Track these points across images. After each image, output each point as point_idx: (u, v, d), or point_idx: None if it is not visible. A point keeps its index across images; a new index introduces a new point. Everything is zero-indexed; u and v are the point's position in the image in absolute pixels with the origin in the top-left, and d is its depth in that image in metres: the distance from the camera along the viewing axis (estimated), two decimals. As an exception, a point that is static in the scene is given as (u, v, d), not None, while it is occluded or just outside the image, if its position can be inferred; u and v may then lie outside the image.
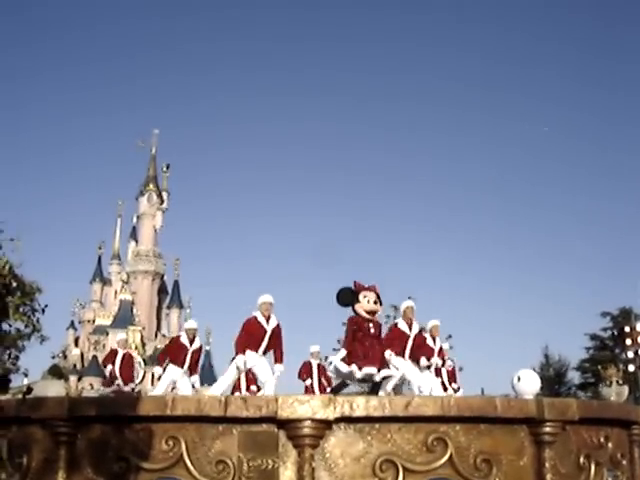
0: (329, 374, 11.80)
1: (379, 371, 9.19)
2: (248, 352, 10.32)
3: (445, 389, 13.12)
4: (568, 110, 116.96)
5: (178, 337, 12.98)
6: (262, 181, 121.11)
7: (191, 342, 12.47)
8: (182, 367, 12.26)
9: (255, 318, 10.46)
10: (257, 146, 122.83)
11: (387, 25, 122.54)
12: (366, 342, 9.14)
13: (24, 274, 6.22)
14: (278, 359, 10.59)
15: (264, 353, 10.49)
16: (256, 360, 10.43)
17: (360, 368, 9.01)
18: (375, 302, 9.30)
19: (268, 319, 10.47)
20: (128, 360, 15.16)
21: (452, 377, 13.87)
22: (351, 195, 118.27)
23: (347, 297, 9.31)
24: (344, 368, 9.16)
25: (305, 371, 14.79)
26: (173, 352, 12.48)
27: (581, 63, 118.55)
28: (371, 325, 9.25)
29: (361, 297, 9.26)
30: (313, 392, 13.98)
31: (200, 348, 12.77)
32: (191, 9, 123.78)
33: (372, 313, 9.30)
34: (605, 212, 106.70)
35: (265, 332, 10.40)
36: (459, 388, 13.78)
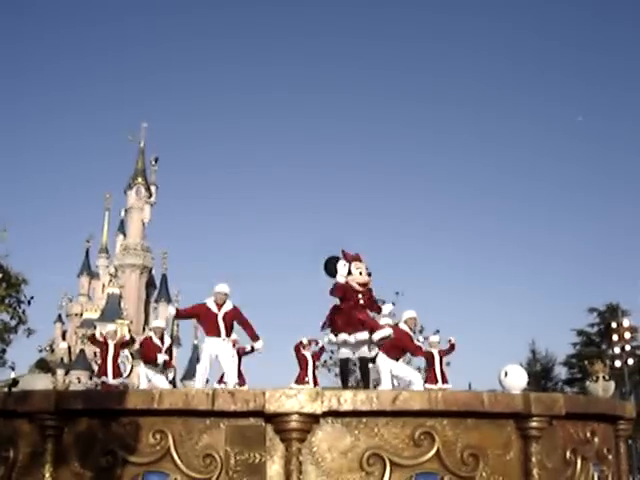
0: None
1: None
2: (208, 338, 10.44)
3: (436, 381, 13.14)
4: (558, 104, 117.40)
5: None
6: (251, 176, 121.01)
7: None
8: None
9: (205, 304, 10.48)
10: (246, 141, 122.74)
11: (389, 21, 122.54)
12: (358, 311, 8.97)
13: (10, 265, 6.17)
14: (253, 338, 10.72)
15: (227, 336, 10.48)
16: (219, 348, 10.46)
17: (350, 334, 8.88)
18: (368, 274, 9.15)
19: (220, 307, 10.44)
20: (119, 352, 14.87)
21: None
22: (340, 191, 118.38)
23: (334, 267, 9.13)
24: (335, 338, 9.06)
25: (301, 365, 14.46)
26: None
27: (580, 60, 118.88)
28: (360, 296, 9.08)
29: (353, 268, 9.09)
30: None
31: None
32: (180, 3, 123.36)
33: (364, 285, 9.14)
34: (594, 208, 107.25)
35: (216, 316, 10.38)
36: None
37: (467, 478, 6.78)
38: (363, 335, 8.94)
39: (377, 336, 9.04)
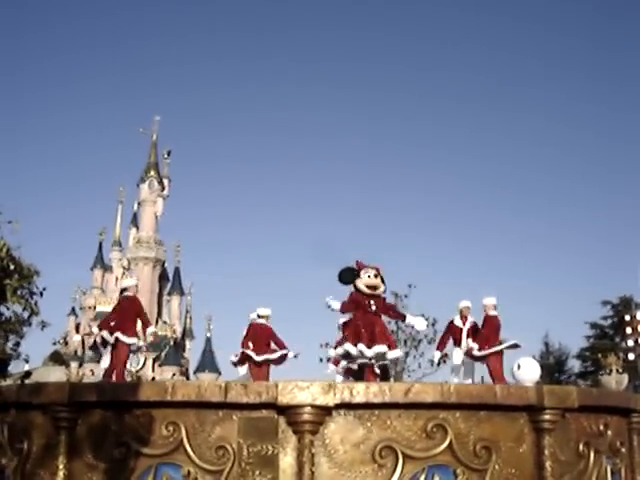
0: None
1: (390, 349, 9.10)
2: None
3: None
4: (568, 99, 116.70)
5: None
6: (264, 169, 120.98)
7: None
8: None
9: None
10: (259, 134, 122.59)
11: (390, 12, 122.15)
12: (367, 319, 9.09)
13: (23, 257, 6.18)
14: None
15: None
16: None
17: (369, 347, 8.92)
18: (376, 276, 9.21)
19: None
20: (131, 306, 11.13)
21: None
22: (353, 185, 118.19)
23: (348, 275, 9.26)
24: (352, 349, 9.09)
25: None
26: None
27: (583, 53, 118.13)
28: (372, 302, 9.15)
29: (362, 273, 9.20)
30: None
31: None
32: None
33: (373, 288, 9.18)
34: (606, 200, 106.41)
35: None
36: None
37: (480, 471, 6.77)
38: (382, 348, 9.03)
39: (391, 355, 9.24)
